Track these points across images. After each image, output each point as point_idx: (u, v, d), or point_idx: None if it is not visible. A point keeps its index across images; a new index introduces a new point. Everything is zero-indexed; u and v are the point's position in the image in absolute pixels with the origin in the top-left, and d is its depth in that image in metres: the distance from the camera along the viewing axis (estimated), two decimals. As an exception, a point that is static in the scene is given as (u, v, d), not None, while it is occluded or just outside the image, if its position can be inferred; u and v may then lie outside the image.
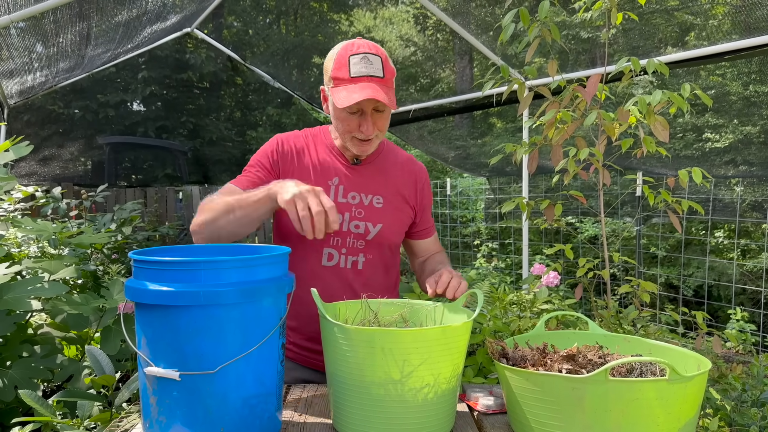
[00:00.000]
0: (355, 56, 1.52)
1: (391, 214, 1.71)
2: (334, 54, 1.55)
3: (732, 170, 5.05)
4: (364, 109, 1.54)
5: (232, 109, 9.83)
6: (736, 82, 5.27)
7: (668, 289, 7.23)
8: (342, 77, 1.52)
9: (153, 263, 1.07)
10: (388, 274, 1.76)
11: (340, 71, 1.52)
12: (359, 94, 1.47)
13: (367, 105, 1.53)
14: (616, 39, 3.85)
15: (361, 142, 1.61)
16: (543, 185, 7.03)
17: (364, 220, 1.67)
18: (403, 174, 1.78)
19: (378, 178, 1.73)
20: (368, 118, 1.55)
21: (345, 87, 1.51)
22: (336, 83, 1.53)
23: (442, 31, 11.12)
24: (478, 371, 2.44)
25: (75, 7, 3.57)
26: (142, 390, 1.11)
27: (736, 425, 1.89)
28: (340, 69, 1.52)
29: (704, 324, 2.22)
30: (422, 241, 1.84)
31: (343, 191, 1.67)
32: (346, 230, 1.66)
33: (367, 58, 1.52)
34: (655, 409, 1.00)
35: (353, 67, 1.51)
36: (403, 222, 1.76)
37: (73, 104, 8.65)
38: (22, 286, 2.07)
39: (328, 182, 1.67)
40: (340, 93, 1.51)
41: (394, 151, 1.82)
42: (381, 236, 1.68)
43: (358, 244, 1.67)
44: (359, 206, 1.67)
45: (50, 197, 3.63)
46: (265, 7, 9.19)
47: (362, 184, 1.70)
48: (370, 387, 1.11)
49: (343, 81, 1.52)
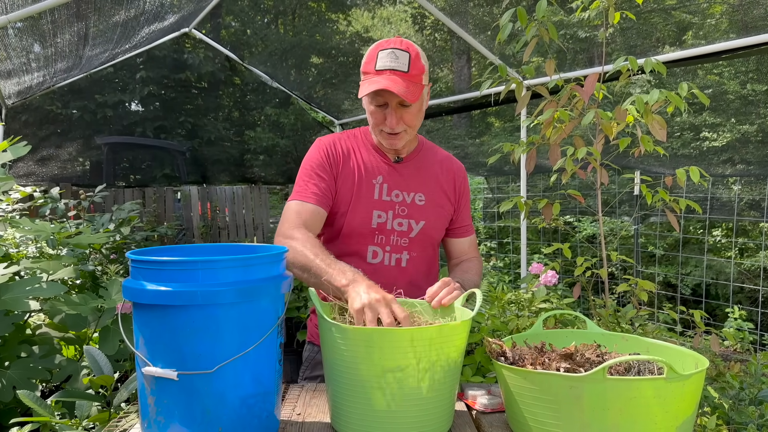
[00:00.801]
0: (384, 51, 1.58)
1: (433, 211, 1.74)
2: (368, 50, 1.62)
3: (730, 169, 5.05)
4: (388, 102, 1.59)
5: (231, 109, 9.82)
6: (733, 81, 5.28)
7: (666, 288, 7.24)
8: (369, 71, 1.58)
9: (150, 263, 1.07)
10: (429, 271, 1.81)
11: (369, 65, 1.58)
12: (375, 84, 1.52)
13: (390, 98, 1.58)
14: (614, 38, 3.85)
15: (389, 136, 1.65)
16: (541, 184, 7.04)
17: (407, 217, 1.70)
18: (442, 171, 1.82)
19: (419, 176, 1.76)
20: (392, 112, 1.60)
21: (369, 79, 1.57)
22: (363, 77, 1.60)
23: (440, 30, 11.12)
24: (476, 370, 2.44)
25: (72, 7, 3.57)
26: (140, 390, 1.11)
27: (734, 423, 1.89)
28: (369, 63, 1.59)
29: (702, 323, 2.22)
30: (458, 240, 1.86)
31: (387, 189, 1.71)
32: (390, 228, 1.69)
33: (394, 53, 1.57)
34: (653, 408, 1.00)
35: (380, 60, 1.57)
36: (444, 218, 1.80)
37: (71, 104, 8.64)
38: (21, 286, 2.07)
39: (372, 181, 1.70)
40: (362, 85, 1.57)
41: (432, 149, 1.86)
42: (424, 233, 1.72)
43: (402, 241, 1.70)
44: (402, 204, 1.71)
45: (48, 197, 3.63)
46: (263, 7, 9.18)
47: (405, 182, 1.74)
48: (368, 386, 1.11)
49: (369, 74, 1.58)
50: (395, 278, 1.68)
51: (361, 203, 1.68)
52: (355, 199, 1.68)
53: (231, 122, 9.38)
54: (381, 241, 1.68)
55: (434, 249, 1.80)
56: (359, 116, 6.24)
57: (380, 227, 1.68)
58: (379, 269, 1.68)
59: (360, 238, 1.66)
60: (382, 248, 1.68)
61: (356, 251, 1.68)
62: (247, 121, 9.30)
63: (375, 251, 1.69)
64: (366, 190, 1.69)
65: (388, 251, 1.69)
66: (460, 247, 1.86)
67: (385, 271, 1.69)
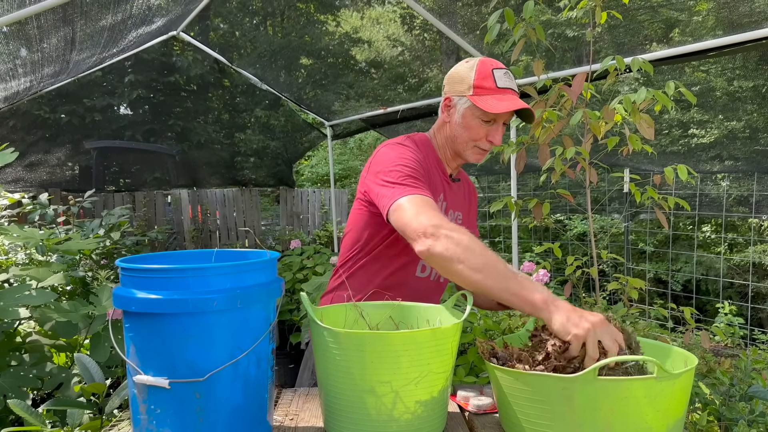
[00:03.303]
0: (499, 70, 1.62)
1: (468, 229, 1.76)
2: (474, 66, 1.63)
3: (718, 165, 5.09)
4: (497, 119, 1.62)
5: (220, 112, 9.77)
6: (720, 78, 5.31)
7: (657, 284, 7.28)
8: (488, 87, 1.60)
9: (140, 271, 1.07)
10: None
11: (485, 81, 1.60)
12: (512, 102, 1.57)
13: (504, 116, 1.62)
14: (602, 36, 3.87)
15: (482, 151, 1.68)
16: (531, 183, 7.06)
17: None
18: (470, 190, 1.90)
19: (462, 196, 1.83)
20: (500, 128, 1.64)
21: (492, 96, 1.59)
22: (480, 91, 1.60)
23: (429, 30, 11.13)
24: (469, 370, 2.45)
25: (59, 12, 3.54)
26: (132, 398, 1.11)
27: (725, 419, 1.90)
28: (485, 79, 1.60)
29: (692, 320, 2.24)
30: None
31: (445, 208, 1.73)
32: None
33: (509, 74, 1.64)
34: (644, 407, 1.01)
35: (499, 79, 1.60)
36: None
37: (59, 109, 8.57)
38: (10, 294, 2.05)
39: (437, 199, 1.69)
40: (488, 100, 1.58)
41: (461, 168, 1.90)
42: None
43: None
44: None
45: (37, 203, 3.60)
46: (251, 9, 9.14)
47: (454, 200, 1.78)
48: (360, 390, 1.11)
49: (489, 90, 1.59)
50: (435, 292, 1.76)
51: None
52: None
53: (221, 125, 9.33)
54: None
55: None
56: (349, 117, 6.24)
57: None
58: (425, 283, 1.73)
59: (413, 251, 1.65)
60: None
61: (409, 262, 1.69)
62: (237, 123, 9.25)
63: (424, 265, 1.72)
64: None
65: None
66: None
67: (429, 285, 1.74)
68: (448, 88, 1.68)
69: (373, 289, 1.67)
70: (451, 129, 1.69)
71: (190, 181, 8.39)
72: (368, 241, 1.71)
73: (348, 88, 6.86)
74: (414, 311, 1.42)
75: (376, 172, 1.58)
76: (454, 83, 1.66)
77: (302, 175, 15.67)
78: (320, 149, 14.31)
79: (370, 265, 1.72)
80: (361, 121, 6.20)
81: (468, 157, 1.69)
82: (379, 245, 1.70)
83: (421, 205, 1.42)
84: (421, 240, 1.34)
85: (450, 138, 1.70)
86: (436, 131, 1.75)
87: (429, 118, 5.15)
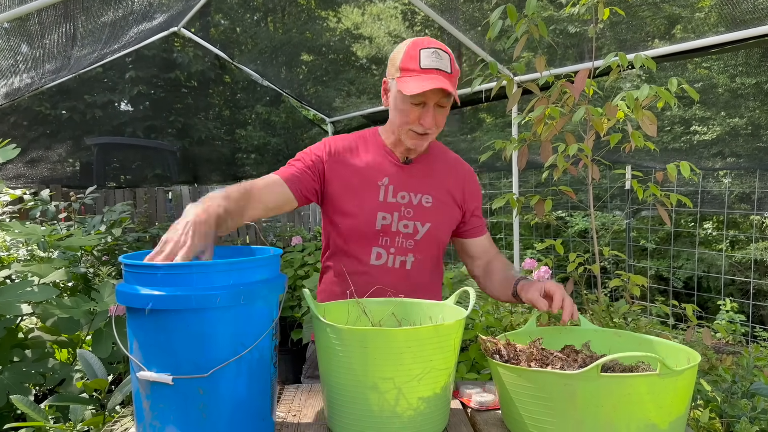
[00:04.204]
0: (426, 50, 1.57)
1: (439, 213, 1.73)
2: (404, 47, 1.60)
3: (720, 162, 5.08)
4: (427, 101, 1.58)
5: (221, 108, 9.77)
6: (722, 74, 5.30)
7: (658, 281, 7.27)
8: (412, 68, 1.56)
9: (143, 267, 1.07)
10: (433, 273, 1.80)
11: (410, 62, 1.57)
12: (430, 82, 1.52)
13: (432, 96, 1.57)
14: (604, 33, 3.86)
15: (418, 135, 1.64)
16: (533, 180, 7.05)
17: (413, 219, 1.69)
18: (451, 173, 1.80)
19: (427, 178, 1.75)
20: (430, 110, 1.59)
21: (414, 77, 1.55)
22: (404, 74, 1.57)
23: (430, 27, 11.10)
24: (471, 367, 2.45)
25: (60, 8, 3.54)
26: (135, 394, 1.11)
27: (727, 416, 1.90)
28: (410, 60, 1.57)
29: (694, 317, 2.24)
30: (475, 240, 1.84)
31: (393, 191, 1.70)
32: (395, 230, 1.68)
33: (438, 53, 1.57)
34: (647, 404, 1.01)
35: (424, 59, 1.56)
36: (451, 221, 1.79)
37: (60, 105, 8.57)
38: (12, 290, 2.05)
39: (378, 183, 1.69)
40: (408, 82, 1.55)
41: (443, 151, 1.85)
42: (430, 236, 1.71)
43: (407, 243, 1.69)
44: (408, 205, 1.69)
45: (39, 200, 3.60)
46: (252, 5, 9.13)
47: (412, 183, 1.72)
48: (363, 386, 1.11)
49: (412, 72, 1.56)
50: (399, 280, 1.68)
51: (365, 205, 1.67)
52: (358, 200, 1.67)
53: (221, 121, 9.33)
54: (385, 243, 1.67)
55: (439, 251, 1.79)
56: (350, 114, 6.23)
57: (385, 229, 1.67)
58: (383, 271, 1.68)
59: (364, 240, 1.66)
60: (387, 250, 1.67)
61: (359, 252, 1.68)
62: (238, 119, 9.25)
63: (379, 253, 1.68)
64: (370, 191, 1.68)
65: (393, 253, 1.68)
66: (482, 246, 1.85)
67: (389, 273, 1.68)
68: (387, 71, 1.68)
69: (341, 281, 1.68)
70: (390, 113, 1.68)
71: (191, 177, 8.39)
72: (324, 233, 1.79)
73: (349, 84, 6.86)
74: (416, 308, 1.42)
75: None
76: (389, 66, 1.66)
77: (303, 172, 15.63)
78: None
79: (332, 257, 1.76)
80: (362, 118, 6.20)
81: (405, 140, 1.65)
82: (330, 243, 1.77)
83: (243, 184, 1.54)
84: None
85: (390, 122, 1.69)
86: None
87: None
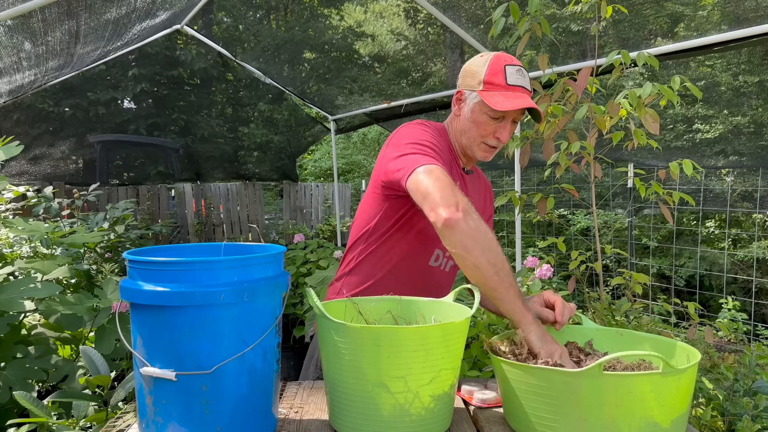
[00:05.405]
0: (512, 67, 1.59)
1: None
2: (486, 61, 1.61)
3: (722, 161, 5.07)
4: (506, 116, 1.61)
5: (224, 106, 9.76)
6: (725, 72, 5.29)
7: (660, 280, 7.27)
8: (497, 83, 1.58)
9: (148, 263, 1.07)
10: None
11: (496, 77, 1.58)
12: (519, 101, 1.54)
13: (512, 113, 1.60)
14: (606, 30, 3.85)
15: (490, 149, 1.67)
16: (535, 178, 7.05)
17: None
18: (483, 185, 1.89)
19: (474, 189, 1.81)
20: (508, 126, 1.62)
21: (501, 92, 1.57)
22: (489, 87, 1.58)
23: (432, 24, 11.08)
24: (473, 364, 2.45)
25: (63, 5, 3.54)
26: (138, 390, 1.11)
27: (729, 414, 1.90)
28: (495, 75, 1.58)
29: (696, 315, 2.24)
30: None
31: None
32: None
33: (522, 71, 1.61)
34: (649, 402, 1.01)
35: (510, 76, 1.58)
36: None
37: (63, 102, 8.59)
38: (15, 286, 2.06)
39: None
40: (495, 97, 1.56)
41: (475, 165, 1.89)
42: None
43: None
44: None
45: (42, 197, 3.61)
46: (255, 3, 9.13)
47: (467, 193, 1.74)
48: (368, 385, 1.10)
49: (498, 87, 1.58)
50: (446, 282, 1.76)
51: None
52: None
53: (224, 119, 9.33)
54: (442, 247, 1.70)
55: None
56: (353, 111, 6.23)
57: None
58: (436, 272, 1.73)
59: (430, 240, 1.67)
60: (443, 253, 1.71)
61: (423, 251, 1.70)
62: (241, 117, 9.25)
63: (438, 255, 1.71)
64: None
65: (447, 257, 1.72)
66: None
67: (440, 275, 1.74)
68: (461, 81, 1.68)
69: (382, 275, 1.66)
70: (460, 123, 1.68)
71: (194, 175, 8.40)
72: (380, 224, 1.68)
73: (351, 82, 6.85)
74: (413, 306, 1.41)
75: (396, 145, 1.56)
76: (466, 77, 1.65)
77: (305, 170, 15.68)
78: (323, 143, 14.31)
79: (380, 249, 1.69)
80: (365, 116, 6.20)
81: (475, 152, 1.67)
82: (391, 228, 1.67)
83: (445, 177, 1.39)
84: (450, 209, 1.30)
85: (459, 132, 1.69)
86: (449, 124, 1.75)
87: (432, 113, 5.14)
